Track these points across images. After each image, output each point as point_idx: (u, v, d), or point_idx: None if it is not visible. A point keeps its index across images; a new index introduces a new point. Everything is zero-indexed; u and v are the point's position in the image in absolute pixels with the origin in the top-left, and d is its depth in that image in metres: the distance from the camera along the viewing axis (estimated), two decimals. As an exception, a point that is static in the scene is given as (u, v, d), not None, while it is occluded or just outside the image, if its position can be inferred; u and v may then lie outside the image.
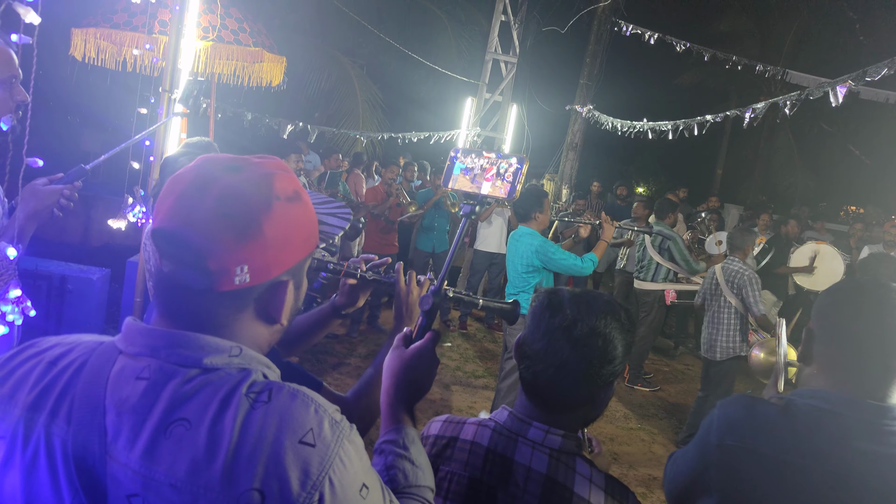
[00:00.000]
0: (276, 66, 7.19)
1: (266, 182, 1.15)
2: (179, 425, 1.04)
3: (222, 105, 9.89)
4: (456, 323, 9.60)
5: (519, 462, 1.62)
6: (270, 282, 1.16)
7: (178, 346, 1.11)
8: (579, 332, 1.57)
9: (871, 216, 13.33)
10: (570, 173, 14.34)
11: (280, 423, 1.05)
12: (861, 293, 1.67)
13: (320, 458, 1.05)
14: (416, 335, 1.65)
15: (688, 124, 9.30)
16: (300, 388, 1.12)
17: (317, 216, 1.28)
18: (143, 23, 5.82)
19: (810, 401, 1.60)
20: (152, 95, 5.32)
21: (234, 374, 1.11)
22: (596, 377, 1.59)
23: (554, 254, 5.44)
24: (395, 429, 1.49)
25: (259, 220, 1.11)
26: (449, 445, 1.73)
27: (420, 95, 18.43)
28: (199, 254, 1.09)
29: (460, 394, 7.06)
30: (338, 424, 1.10)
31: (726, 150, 24.90)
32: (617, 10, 13.66)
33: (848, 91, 6.33)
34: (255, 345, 1.19)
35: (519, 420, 1.68)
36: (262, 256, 1.12)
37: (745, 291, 6.08)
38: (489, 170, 1.82)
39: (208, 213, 1.10)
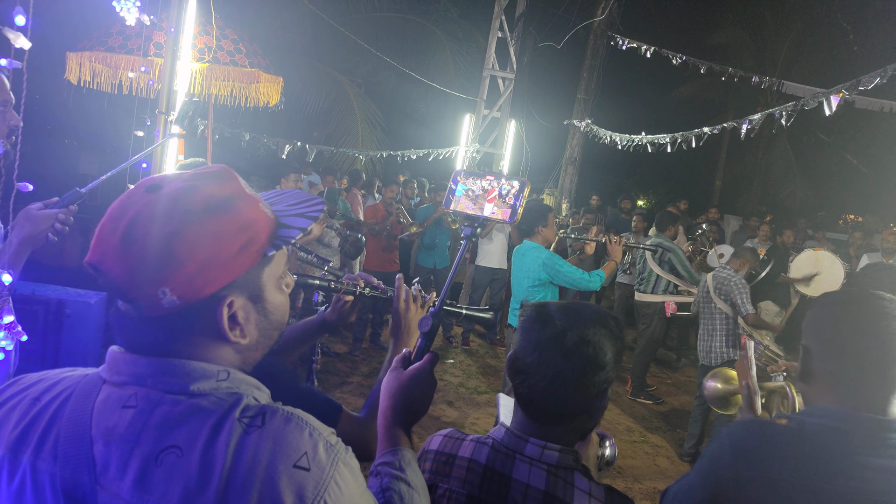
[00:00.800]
0: (273, 86, 7.22)
1: (178, 198, 1.09)
2: (171, 453, 1.03)
3: (220, 126, 9.93)
4: (458, 339, 9.58)
5: (517, 479, 1.61)
6: (209, 299, 1.10)
7: (165, 374, 1.10)
8: (570, 342, 1.57)
9: (870, 224, 13.32)
10: (569, 188, 14.34)
11: (274, 447, 1.04)
12: (855, 305, 1.65)
13: (315, 483, 1.03)
14: (415, 356, 1.64)
15: (686, 137, 9.31)
16: (294, 411, 1.11)
17: (275, 218, 1.21)
18: (138, 45, 5.86)
19: (819, 420, 1.58)
20: (149, 118, 5.34)
21: (224, 399, 1.09)
22: (590, 385, 1.59)
23: (562, 267, 5.40)
24: (391, 451, 1.47)
25: (166, 241, 1.06)
26: (447, 462, 1.73)
27: (418, 113, 18.50)
28: (117, 284, 1.08)
29: (463, 410, 7.03)
30: (333, 448, 1.09)
31: (725, 162, 24.94)
32: (612, 25, 13.72)
33: (842, 100, 6.34)
34: (230, 365, 1.16)
35: (516, 437, 1.67)
36: (182, 277, 1.06)
37: (732, 295, 6.16)
38: (491, 192, 1.82)
39: (117, 242, 1.07)
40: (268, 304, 1.20)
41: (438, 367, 8.64)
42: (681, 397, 8.47)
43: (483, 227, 1.85)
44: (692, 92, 23.03)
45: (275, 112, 8.60)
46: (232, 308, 1.13)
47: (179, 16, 5.04)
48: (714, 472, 1.65)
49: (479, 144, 13.93)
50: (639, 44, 13.10)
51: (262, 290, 1.18)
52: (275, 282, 1.21)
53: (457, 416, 6.84)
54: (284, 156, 10.58)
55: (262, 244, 1.16)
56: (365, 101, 15.40)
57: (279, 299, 1.23)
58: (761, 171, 23.26)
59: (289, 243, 1.19)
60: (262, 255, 1.16)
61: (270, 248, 1.17)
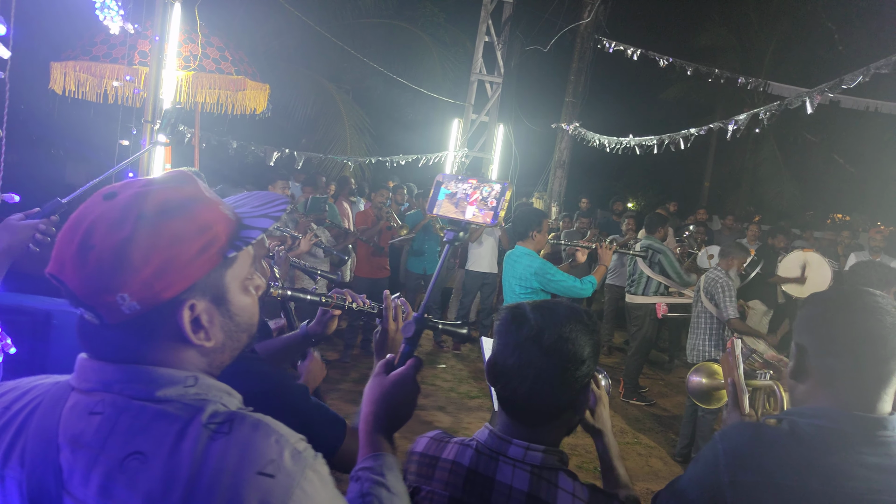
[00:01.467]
0: (260, 93, 7.21)
1: (132, 203, 1.09)
2: (134, 459, 1.03)
3: (207, 134, 9.90)
4: (449, 344, 9.57)
5: (500, 482, 1.61)
6: (169, 303, 1.09)
7: (131, 380, 1.10)
8: (548, 341, 1.59)
9: (857, 223, 13.39)
10: (558, 191, 14.37)
11: (240, 454, 1.03)
12: (849, 301, 1.65)
13: (281, 490, 1.03)
14: (399, 362, 1.64)
15: (673, 138, 9.35)
16: (263, 417, 1.11)
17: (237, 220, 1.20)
18: (122, 54, 5.83)
19: (813, 420, 1.57)
20: (135, 127, 5.32)
21: (191, 405, 1.09)
22: (572, 381, 1.60)
23: (553, 276, 5.39)
24: (372, 456, 1.47)
25: (120, 247, 1.05)
26: (431, 465, 1.73)
27: (407, 118, 18.49)
28: (76, 293, 1.08)
29: (455, 415, 7.02)
30: (300, 454, 1.08)
31: (713, 163, 25.06)
32: (599, 28, 13.77)
33: (826, 99, 6.39)
34: (197, 368, 1.16)
35: (499, 439, 1.67)
36: (138, 282, 1.05)
37: (717, 296, 6.18)
38: (473, 195, 1.82)
39: (74, 251, 1.07)
40: (232, 307, 1.19)
41: (429, 372, 8.65)
42: (673, 399, 8.47)
43: (467, 231, 1.85)
44: (679, 94, 23.12)
45: (262, 119, 8.57)
46: (195, 311, 1.12)
47: (164, 24, 5.02)
48: (709, 477, 1.63)
49: (467, 149, 13.94)
50: (625, 46, 13.17)
51: (226, 293, 1.17)
52: (239, 283, 1.20)
53: (450, 421, 6.83)
54: (272, 163, 10.55)
55: (222, 246, 1.14)
56: (353, 108, 15.38)
57: (245, 301, 1.22)
58: (749, 171, 23.38)
59: (250, 243, 1.18)
60: (223, 256, 1.15)
61: (231, 250, 1.16)
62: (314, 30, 12.42)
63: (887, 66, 6.11)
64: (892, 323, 1.57)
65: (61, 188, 10.63)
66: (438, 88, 15.45)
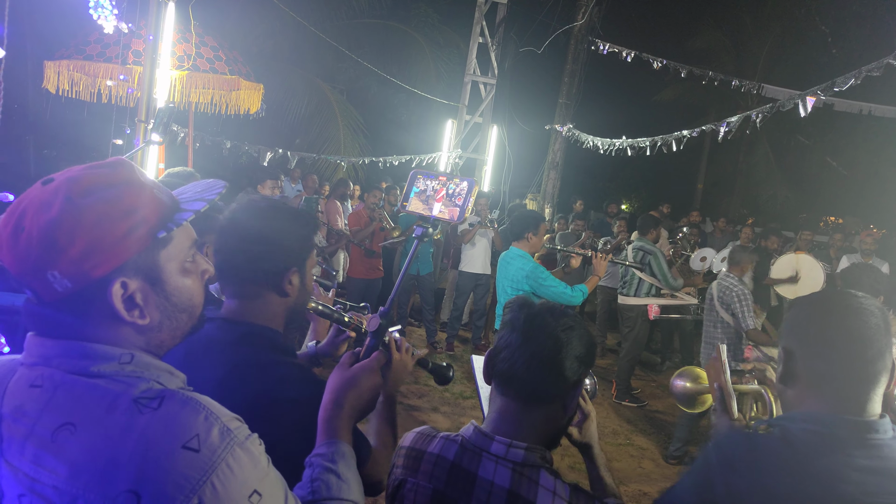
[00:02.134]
0: (254, 93, 7.21)
1: (61, 187, 1.13)
2: (65, 430, 1.07)
3: (200, 134, 9.88)
4: (443, 344, 9.56)
5: (482, 477, 1.63)
6: (100, 281, 1.13)
7: (68, 355, 1.14)
8: (551, 326, 1.64)
9: (850, 226, 13.44)
10: (552, 192, 14.38)
11: (164, 427, 1.07)
12: (834, 303, 1.65)
13: (203, 464, 1.06)
14: (363, 354, 1.67)
15: (665, 140, 9.37)
16: (195, 395, 1.14)
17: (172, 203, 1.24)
18: (116, 54, 5.82)
19: (805, 425, 1.57)
20: (128, 126, 5.31)
21: (123, 381, 1.13)
22: (567, 367, 1.63)
23: (545, 280, 5.37)
24: (326, 443, 1.50)
25: (47, 227, 1.10)
26: (417, 458, 1.75)
27: (401, 119, 18.50)
28: (13, 273, 1.13)
29: (448, 415, 7.02)
30: (230, 432, 1.11)
31: (706, 165, 25.11)
32: (593, 30, 13.78)
33: (819, 102, 6.41)
34: (134, 346, 1.19)
35: (483, 435, 1.69)
36: (66, 260, 1.10)
37: (734, 307, 6.01)
38: (440, 192, 1.84)
39: (9, 234, 1.12)
40: (168, 286, 1.22)
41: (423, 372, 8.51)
42: (666, 400, 8.49)
43: (436, 228, 1.87)
44: (673, 96, 23.18)
45: (256, 119, 8.58)
46: (127, 290, 1.16)
47: (158, 23, 5.02)
48: (704, 486, 1.63)
49: (461, 150, 13.94)
50: (619, 48, 13.18)
51: (161, 273, 1.21)
52: (177, 265, 1.24)
53: (444, 422, 6.83)
54: (266, 163, 10.54)
55: (152, 226, 1.18)
56: (347, 108, 15.38)
57: (183, 282, 1.25)
58: (742, 174, 23.45)
59: (180, 224, 1.21)
60: (153, 237, 1.18)
61: (161, 231, 1.19)
62: (308, 30, 12.41)
63: (879, 68, 6.13)
64: (876, 324, 1.57)
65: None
66: (432, 89, 15.47)
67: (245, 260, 1.77)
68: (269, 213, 1.83)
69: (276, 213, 1.83)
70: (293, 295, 1.84)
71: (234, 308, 1.83)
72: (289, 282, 1.81)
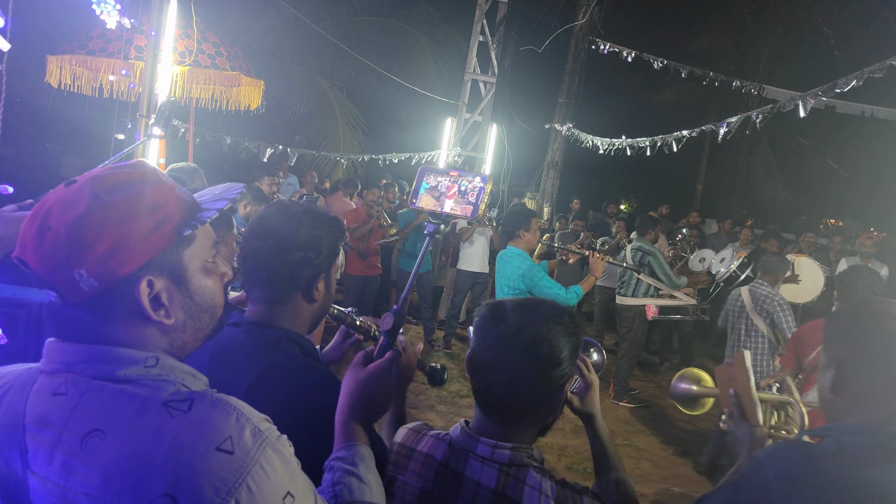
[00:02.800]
0: (255, 89, 7.20)
1: (86, 185, 1.14)
2: (94, 436, 1.06)
3: (201, 129, 9.87)
4: (440, 343, 9.57)
5: (469, 477, 1.64)
6: (126, 280, 1.13)
7: (92, 361, 1.13)
8: (525, 340, 1.60)
9: (850, 228, 13.45)
10: (551, 192, 14.39)
11: (197, 430, 1.06)
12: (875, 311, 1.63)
13: (238, 465, 1.05)
14: (377, 354, 1.65)
15: (665, 140, 9.37)
16: (224, 396, 1.13)
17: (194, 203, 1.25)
18: (118, 48, 5.82)
19: (858, 437, 1.53)
20: (130, 121, 5.31)
21: (150, 385, 1.12)
22: (546, 381, 1.62)
23: (540, 280, 5.34)
24: (345, 446, 1.49)
25: (74, 225, 1.09)
26: (406, 456, 1.76)
27: (400, 116, 18.49)
28: (38, 272, 1.12)
29: (445, 414, 7.03)
30: (261, 433, 1.11)
31: (706, 166, 25.11)
32: (594, 29, 13.78)
33: (821, 103, 6.41)
34: (159, 348, 1.19)
35: (469, 436, 1.69)
36: (93, 258, 1.09)
37: (776, 316, 5.94)
38: (451, 188, 1.83)
39: (34, 233, 1.12)
40: (192, 286, 1.23)
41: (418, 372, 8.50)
42: (664, 400, 8.50)
43: (447, 224, 1.86)
44: (673, 96, 23.12)
45: (256, 115, 8.57)
46: (153, 288, 1.16)
47: (160, 19, 5.02)
48: (759, 499, 1.56)
49: (460, 148, 13.94)
50: (620, 48, 13.18)
51: (185, 272, 1.21)
52: (199, 264, 1.24)
53: (438, 420, 6.83)
54: (265, 159, 10.53)
55: (177, 224, 1.19)
56: (346, 105, 15.36)
57: (205, 282, 1.26)
58: (742, 175, 23.43)
59: (205, 222, 1.22)
60: (178, 234, 1.19)
61: (186, 228, 1.19)
62: (309, 27, 12.40)
63: (881, 70, 6.12)
64: None
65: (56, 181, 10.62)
66: (432, 87, 15.44)
67: (281, 264, 1.76)
68: (305, 218, 1.82)
69: (313, 218, 1.83)
70: (320, 300, 1.86)
71: (262, 312, 1.83)
72: (317, 288, 1.82)
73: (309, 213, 1.85)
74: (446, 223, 1.85)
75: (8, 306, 4.92)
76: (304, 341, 1.83)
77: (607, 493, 1.89)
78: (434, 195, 1.85)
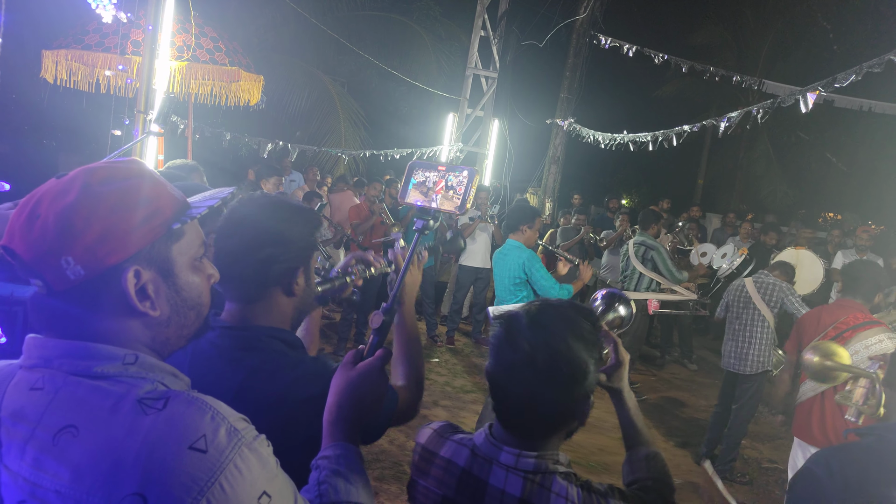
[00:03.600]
0: (254, 84, 7.18)
1: (78, 176, 1.14)
2: (67, 432, 1.06)
3: (200, 125, 9.85)
4: (443, 338, 9.56)
5: (493, 486, 1.60)
6: (112, 270, 1.12)
7: (70, 356, 1.12)
8: (543, 363, 1.53)
9: (849, 222, 13.43)
10: (552, 186, 14.37)
11: (169, 429, 1.05)
12: None
13: (210, 465, 1.04)
14: (367, 353, 1.61)
15: (667, 135, 9.35)
16: (199, 396, 1.12)
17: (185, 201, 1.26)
18: (115, 43, 5.79)
19: None
20: (127, 117, 5.29)
21: (127, 382, 1.11)
22: (567, 398, 1.56)
23: (538, 271, 5.48)
24: (332, 446, 1.46)
25: (64, 212, 1.09)
26: (429, 460, 1.72)
27: (402, 112, 18.46)
28: (24, 260, 1.11)
29: (449, 409, 7.01)
30: (237, 432, 1.09)
31: (707, 161, 25.07)
32: (595, 24, 13.76)
33: (820, 98, 6.38)
34: (140, 343, 1.19)
35: (492, 444, 1.65)
36: (81, 246, 1.09)
37: (787, 302, 6.01)
38: (439, 183, 1.80)
39: (23, 222, 1.11)
40: (179, 280, 1.22)
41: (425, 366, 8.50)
42: (665, 394, 8.50)
43: (437, 220, 1.84)
44: (674, 91, 23.07)
45: (256, 111, 8.56)
46: (140, 279, 1.15)
47: (157, 13, 5.00)
48: None
49: (462, 144, 13.92)
50: (621, 43, 13.15)
51: (173, 266, 1.21)
52: (187, 260, 1.24)
53: (443, 416, 6.82)
54: (265, 155, 10.52)
55: (167, 218, 1.19)
56: (348, 100, 15.34)
57: (193, 279, 1.26)
58: (743, 169, 23.41)
59: (195, 217, 1.23)
60: (167, 228, 1.19)
61: (176, 223, 1.20)
62: (309, 22, 12.38)
63: (880, 65, 6.10)
64: None
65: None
66: (433, 82, 15.43)
67: (254, 261, 1.72)
68: (275, 211, 1.78)
69: (282, 212, 1.79)
70: (300, 294, 1.80)
71: (237, 312, 1.78)
72: (296, 282, 1.78)
73: (279, 206, 1.80)
74: (435, 219, 1.81)
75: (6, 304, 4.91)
76: (285, 335, 1.78)
77: (638, 467, 1.85)
78: (422, 191, 1.82)
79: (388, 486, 5.08)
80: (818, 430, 4.37)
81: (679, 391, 8.56)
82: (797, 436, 4.63)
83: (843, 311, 4.46)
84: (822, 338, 4.26)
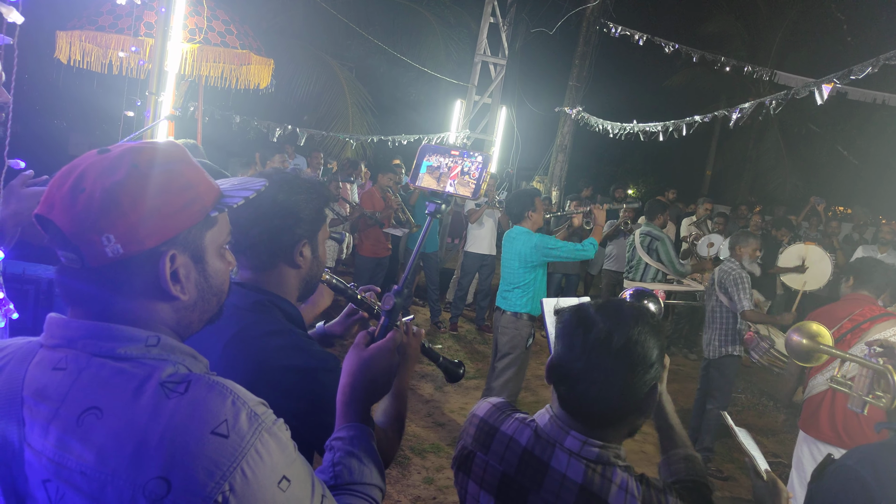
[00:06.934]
0: (264, 68, 7.18)
1: (125, 155, 1.15)
2: (91, 414, 1.06)
3: (210, 108, 9.86)
4: (447, 324, 9.59)
5: (555, 468, 1.61)
6: (150, 252, 1.14)
7: (93, 337, 1.13)
8: (618, 344, 1.55)
9: (859, 216, 13.37)
10: (559, 175, 14.35)
11: (192, 413, 1.06)
12: None
13: (232, 449, 1.06)
14: (378, 335, 1.64)
15: (677, 125, 9.32)
16: (220, 379, 1.14)
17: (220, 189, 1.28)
18: (128, 25, 5.80)
19: None
20: (139, 98, 5.30)
21: (150, 364, 1.13)
22: (640, 385, 1.57)
23: (554, 246, 5.53)
24: (346, 426, 1.49)
25: (111, 190, 1.10)
26: (489, 434, 1.74)
27: (409, 98, 18.40)
28: (63, 232, 1.11)
29: (452, 395, 7.05)
30: (257, 417, 1.11)
31: (715, 152, 24.95)
32: (605, 12, 13.67)
33: (834, 90, 6.34)
34: (165, 325, 1.20)
35: (558, 427, 1.66)
36: (125, 224, 1.11)
37: (730, 289, 5.99)
38: (454, 168, 1.81)
39: (66, 192, 1.11)
40: (208, 267, 1.25)
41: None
42: (670, 385, 8.43)
43: (449, 204, 1.85)
44: (684, 81, 22.94)
45: (265, 94, 8.56)
46: (175, 263, 1.18)
47: (170, -5, 4.98)
48: None
49: (469, 130, 13.90)
50: (631, 31, 13.08)
51: (204, 252, 1.24)
52: (216, 248, 1.27)
53: (445, 401, 6.86)
54: (275, 139, 10.52)
55: (206, 205, 1.22)
56: (355, 85, 15.29)
57: (219, 266, 1.29)
58: (752, 161, 23.27)
59: (231, 206, 1.25)
60: (206, 215, 1.21)
61: (213, 210, 1.24)
62: (319, 6, 12.34)
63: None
64: None
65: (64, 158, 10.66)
66: (442, 68, 15.36)
67: (260, 233, 1.78)
68: (282, 185, 1.83)
69: (289, 186, 1.84)
70: (305, 267, 1.86)
71: (249, 277, 1.85)
72: (300, 254, 1.83)
73: (288, 180, 1.85)
74: (447, 203, 1.83)
75: (18, 282, 4.96)
76: (287, 306, 1.84)
77: (677, 469, 1.87)
78: (435, 175, 1.84)
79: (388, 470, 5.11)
80: (828, 425, 4.35)
81: (686, 382, 8.57)
82: (804, 430, 4.59)
83: (857, 304, 4.48)
84: (837, 330, 4.27)
